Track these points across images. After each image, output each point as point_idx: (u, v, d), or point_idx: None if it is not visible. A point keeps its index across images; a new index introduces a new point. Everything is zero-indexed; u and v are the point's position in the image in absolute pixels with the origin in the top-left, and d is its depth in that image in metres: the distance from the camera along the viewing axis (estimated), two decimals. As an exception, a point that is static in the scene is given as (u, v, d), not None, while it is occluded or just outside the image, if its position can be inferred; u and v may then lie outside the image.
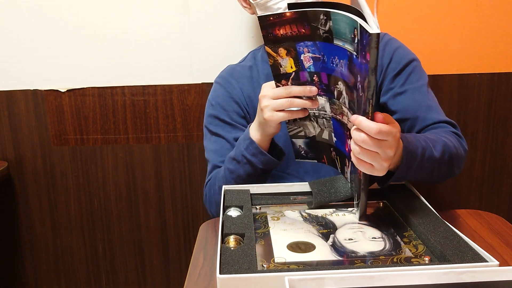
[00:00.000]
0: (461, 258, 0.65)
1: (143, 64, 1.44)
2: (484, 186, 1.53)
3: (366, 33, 0.64)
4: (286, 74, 0.83)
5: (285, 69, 0.83)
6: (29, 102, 1.47)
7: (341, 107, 0.81)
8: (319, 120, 0.88)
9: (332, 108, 0.84)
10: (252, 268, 0.64)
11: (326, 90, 0.82)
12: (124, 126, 1.48)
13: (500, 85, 1.46)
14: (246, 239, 0.72)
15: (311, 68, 0.81)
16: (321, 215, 0.84)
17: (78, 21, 1.41)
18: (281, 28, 0.78)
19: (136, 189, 1.53)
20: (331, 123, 0.87)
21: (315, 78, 0.82)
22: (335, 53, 0.76)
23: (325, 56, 0.78)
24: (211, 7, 1.41)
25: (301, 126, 0.91)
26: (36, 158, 1.51)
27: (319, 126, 0.89)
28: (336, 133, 0.87)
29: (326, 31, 0.75)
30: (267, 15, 0.78)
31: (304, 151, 0.95)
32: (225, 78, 1.13)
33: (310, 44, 0.78)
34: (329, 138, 0.89)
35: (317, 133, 0.91)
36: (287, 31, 0.78)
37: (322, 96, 0.84)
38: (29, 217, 1.56)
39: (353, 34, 0.69)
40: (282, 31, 0.78)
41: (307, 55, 0.80)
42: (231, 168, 0.96)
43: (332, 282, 0.57)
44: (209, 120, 1.11)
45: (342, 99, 0.80)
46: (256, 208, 0.87)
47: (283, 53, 0.81)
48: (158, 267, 1.59)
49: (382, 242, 0.74)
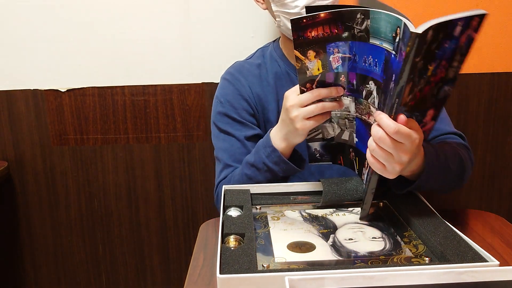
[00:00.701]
0: (461, 258, 0.65)
1: (143, 64, 1.44)
2: (484, 186, 1.53)
3: (408, 32, 0.63)
4: (311, 77, 0.81)
5: (311, 72, 0.81)
6: (29, 102, 1.47)
7: (368, 107, 0.80)
8: (340, 121, 0.87)
9: (357, 108, 0.83)
10: (252, 268, 0.64)
11: (353, 90, 0.81)
12: (124, 126, 1.48)
13: (500, 85, 1.46)
14: (246, 239, 0.72)
15: (339, 68, 0.80)
16: (321, 215, 0.84)
17: (78, 21, 1.41)
18: (313, 30, 0.76)
19: (136, 189, 1.53)
20: (354, 124, 0.86)
21: (342, 78, 0.81)
22: (370, 52, 0.74)
23: (357, 55, 0.77)
24: (211, 7, 1.41)
25: (319, 128, 0.89)
26: (36, 158, 1.51)
27: (339, 127, 0.88)
28: (359, 133, 0.86)
29: (361, 30, 0.73)
30: (300, 18, 0.75)
31: (319, 154, 0.93)
32: (233, 75, 1.11)
33: (342, 44, 0.77)
34: (349, 139, 0.88)
35: (336, 134, 0.89)
36: (319, 32, 0.76)
37: (347, 97, 0.83)
38: (29, 217, 1.56)
39: (395, 33, 0.68)
40: (313, 33, 0.76)
41: (336, 55, 0.79)
42: (250, 174, 0.95)
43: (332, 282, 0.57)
44: (218, 118, 1.08)
45: (372, 99, 0.78)
46: (256, 208, 0.87)
47: (311, 56, 0.79)
48: (158, 267, 1.59)
49: (382, 242, 0.74)
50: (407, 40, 0.64)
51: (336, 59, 0.79)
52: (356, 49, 0.76)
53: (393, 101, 0.69)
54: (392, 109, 0.69)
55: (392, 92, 0.69)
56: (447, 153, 0.86)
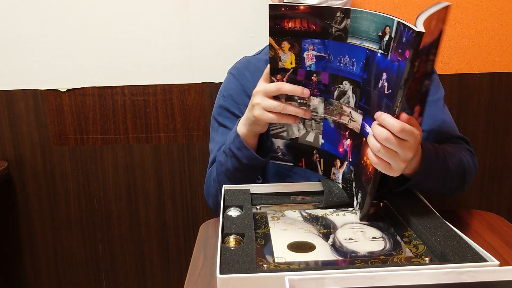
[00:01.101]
0: (462, 258, 0.65)
1: (143, 64, 1.44)
2: (484, 186, 1.53)
3: (409, 31, 0.64)
4: (283, 69, 0.81)
5: (283, 64, 0.81)
6: (29, 102, 1.47)
7: (340, 107, 0.81)
8: (306, 122, 0.87)
9: (326, 109, 0.83)
10: (252, 268, 0.64)
11: (324, 91, 0.82)
12: (124, 126, 1.48)
13: (500, 85, 1.46)
14: (246, 239, 0.72)
15: (312, 66, 0.80)
16: (321, 215, 0.84)
17: (78, 21, 1.41)
18: (291, 21, 0.76)
19: (136, 189, 1.53)
20: (321, 125, 0.86)
21: (314, 77, 0.81)
22: (347, 52, 0.75)
23: (332, 55, 0.77)
24: (211, 7, 1.41)
25: (284, 126, 0.89)
26: (36, 158, 1.51)
27: (305, 128, 0.88)
28: (326, 134, 0.86)
29: (339, 29, 0.74)
30: (278, 5, 0.75)
31: (281, 152, 0.93)
32: (239, 70, 1.11)
33: (318, 42, 0.77)
34: (314, 141, 0.88)
35: (301, 135, 0.89)
36: (296, 25, 0.76)
37: (317, 97, 0.83)
38: (29, 217, 1.56)
39: (382, 32, 0.69)
40: (291, 24, 0.76)
41: (311, 52, 0.79)
42: (221, 161, 0.96)
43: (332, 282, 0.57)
44: (218, 111, 1.09)
45: (345, 98, 0.79)
46: (256, 208, 0.87)
47: (286, 47, 0.79)
48: (158, 267, 1.59)
49: (382, 242, 0.74)
50: (409, 39, 0.64)
51: (310, 56, 0.79)
52: (332, 48, 0.76)
53: (396, 100, 0.69)
54: (395, 108, 0.69)
55: (393, 91, 0.69)
56: (446, 153, 0.86)
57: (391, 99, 0.70)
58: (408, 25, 0.65)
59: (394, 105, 0.69)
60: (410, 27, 0.64)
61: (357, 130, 0.80)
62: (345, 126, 0.82)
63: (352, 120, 0.81)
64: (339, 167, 0.86)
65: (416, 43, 0.64)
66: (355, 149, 0.82)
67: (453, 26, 1.40)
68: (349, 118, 0.81)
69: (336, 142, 0.85)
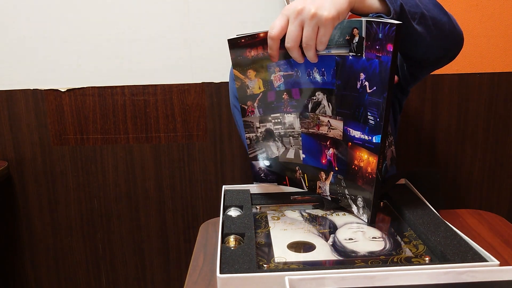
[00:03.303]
0: (462, 258, 0.65)
1: (143, 64, 1.44)
2: (484, 185, 1.53)
3: (386, 26, 0.64)
4: (252, 96, 0.81)
5: (252, 91, 0.80)
6: (29, 102, 1.47)
7: (317, 118, 0.80)
8: (284, 139, 0.86)
9: (302, 123, 0.83)
10: (252, 268, 0.64)
11: (297, 106, 0.81)
12: (124, 126, 1.48)
13: (500, 85, 1.46)
14: (246, 239, 0.72)
15: (281, 86, 0.80)
16: (321, 215, 0.84)
17: (78, 21, 1.41)
18: (253, 50, 0.76)
19: (136, 189, 1.53)
20: (300, 140, 0.85)
21: (285, 96, 0.81)
22: (314, 65, 0.75)
23: (299, 71, 0.77)
24: (211, 7, 1.41)
25: (263, 147, 0.88)
26: (36, 158, 1.51)
27: (284, 146, 0.87)
28: (306, 148, 0.85)
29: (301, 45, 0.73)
30: (237, 38, 0.76)
31: (264, 173, 0.91)
32: None
33: (283, 63, 0.77)
34: (295, 157, 0.87)
35: (281, 154, 0.88)
36: (259, 52, 0.76)
37: (291, 114, 0.83)
38: (29, 217, 1.56)
39: (350, 35, 0.70)
40: (253, 53, 0.76)
41: (278, 74, 0.78)
42: None
43: (332, 282, 0.57)
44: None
45: (321, 108, 0.79)
46: (256, 208, 0.87)
47: (252, 75, 0.78)
48: (158, 267, 1.59)
49: (382, 242, 0.74)
50: (389, 33, 0.65)
51: (277, 77, 0.78)
52: (298, 65, 0.76)
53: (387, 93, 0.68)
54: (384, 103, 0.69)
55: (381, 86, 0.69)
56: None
57: (379, 95, 0.69)
58: (382, 21, 0.65)
59: (384, 100, 0.69)
60: (385, 23, 0.65)
61: (339, 137, 0.80)
62: (325, 136, 0.81)
63: (332, 128, 0.80)
64: (324, 179, 0.85)
65: (397, 35, 0.64)
66: (340, 156, 0.81)
67: (453, 26, 1.40)
68: (328, 127, 0.80)
69: (318, 155, 0.84)
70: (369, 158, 0.75)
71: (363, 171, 0.76)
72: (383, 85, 0.68)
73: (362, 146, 0.75)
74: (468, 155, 1.51)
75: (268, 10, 1.39)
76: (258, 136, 0.86)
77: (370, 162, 0.74)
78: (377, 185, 0.75)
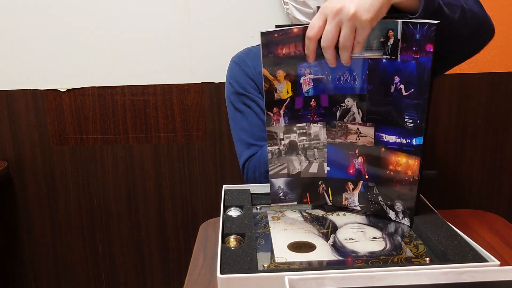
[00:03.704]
0: (462, 258, 0.65)
1: (143, 64, 1.44)
2: (484, 186, 1.53)
3: (425, 27, 0.65)
4: (280, 101, 0.76)
5: (279, 95, 0.76)
6: (29, 102, 1.47)
7: (345, 127, 0.78)
8: (308, 152, 0.81)
9: (329, 133, 0.80)
10: (253, 268, 0.64)
11: (325, 114, 0.79)
12: (124, 126, 1.48)
13: (500, 85, 1.46)
14: (246, 239, 0.72)
15: (310, 92, 0.77)
16: (321, 215, 0.84)
17: (78, 21, 1.41)
18: (285, 47, 0.72)
19: (136, 189, 1.53)
20: (325, 152, 0.81)
21: (312, 103, 0.77)
22: (346, 68, 0.73)
23: (330, 74, 0.75)
24: (211, 7, 1.41)
25: (285, 162, 0.81)
26: (36, 158, 1.51)
27: (307, 159, 0.82)
28: (332, 160, 0.82)
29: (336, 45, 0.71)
30: (271, 31, 0.71)
31: (283, 192, 0.83)
32: (241, 58, 1.16)
33: (314, 64, 0.73)
34: (318, 171, 0.83)
35: (303, 169, 0.82)
36: (291, 50, 0.72)
37: (317, 123, 0.79)
38: (29, 217, 1.56)
39: (384, 37, 0.69)
40: (285, 50, 0.72)
41: (308, 77, 0.75)
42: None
43: (332, 282, 0.57)
44: (231, 99, 1.12)
45: (350, 116, 0.77)
46: (256, 208, 0.87)
47: (281, 76, 0.74)
48: (158, 267, 1.59)
49: (382, 242, 0.74)
50: (428, 33, 0.65)
51: (307, 81, 0.75)
52: (329, 68, 0.73)
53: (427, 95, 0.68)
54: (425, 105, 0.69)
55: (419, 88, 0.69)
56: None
57: (418, 97, 0.69)
58: (419, 22, 0.65)
59: (425, 102, 0.68)
60: (423, 23, 0.64)
61: (370, 144, 0.78)
62: (353, 145, 0.79)
63: (361, 136, 0.78)
64: (352, 190, 0.82)
65: (437, 34, 0.64)
66: (371, 163, 0.79)
67: (453, 26, 1.40)
68: (357, 135, 0.78)
69: (345, 165, 0.81)
70: (408, 161, 0.74)
71: (402, 174, 0.75)
72: (423, 87, 0.68)
73: (399, 150, 0.74)
74: (468, 155, 1.51)
75: (268, 10, 1.39)
76: (280, 149, 0.80)
77: (411, 165, 0.73)
78: (419, 187, 0.74)
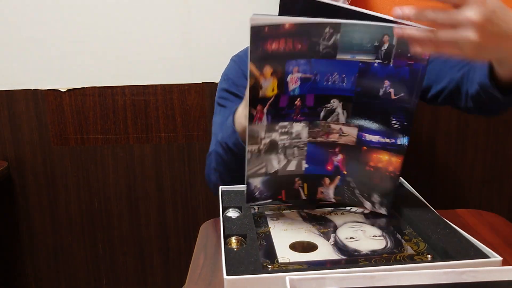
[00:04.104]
0: (464, 255, 0.65)
1: (143, 64, 1.44)
2: (484, 186, 1.53)
3: None
4: (264, 99, 0.73)
5: (264, 92, 0.72)
6: (29, 102, 1.47)
7: (327, 126, 0.79)
8: (287, 151, 0.81)
9: (311, 132, 0.80)
10: (258, 269, 0.64)
11: (308, 114, 0.78)
12: (124, 125, 1.48)
13: (500, 85, 1.46)
14: (248, 239, 0.72)
15: (296, 90, 0.75)
16: (320, 215, 0.84)
17: (78, 21, 1.41)
18: (274, 42, 0.68)
19: (136, 189, 1.53)
20: (305, 150, 0.81)
21: (298, 102, 0.76)
22: (335, 69, 0.73)
23: (319, 74, 0.74)
24: (211, 7, 1.41)
25: (263, 162, 0.79)
26: (36, 158, 1.51)
27: (286, 158, 0.81)
28: (311, 158, 0.82)
29: (327, 46, 0.70)
30: (262, 26, 0.68)
31: (258, 191, 0.82)
32: (240, 57, 1.16)
33: (303, 62, 0.72)
34: (296, 168, 0.82)
35: (281, 167, 0.82)
36: (280, 46, 0.69)
37: (300, 122, 0.79)
38: (29, 217, 1.56)
39: (379, 41, 0.69)
40: (274, 46, 0.69)
41: (295, 75, 0.73)
42: (220, 153, 0.96)
43: (333, 282, 0.57)
44: (219, 94, 1.12)
45: (334, 117, 0.78)
46: (254, 208, 0.87)
47: (268, 73, 0.71)
48: (158, 267, 1.59)
49: (383, 240, 0.74)
50: None
51: (294, 79, 0.73)
52: (318, 67, 0.72)
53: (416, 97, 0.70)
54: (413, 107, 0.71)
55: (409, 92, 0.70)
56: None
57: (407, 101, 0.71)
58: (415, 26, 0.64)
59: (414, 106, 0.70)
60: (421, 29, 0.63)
61: (351, 143, 0.80)
62: (333, 144, 0.81)
63: (343, 135, 0.79)
64: (328, 184, 0.84)
65: None
66: (351, 160, 0.81)
67: (453, 26, 1.40)
68: (339, 134, 0.80)
69: (323, 162, 0.82)
70: (391, 158, 0.77)
71: (382, 170, 0.78)
72: (414, 92, 0.69)
73: (381, 149, 0.77)
74: (468, 155, 1.51)
75: (268, 10, 1.39)
76: (260, 149, 0.77)
77: (392, 162, 0.77)
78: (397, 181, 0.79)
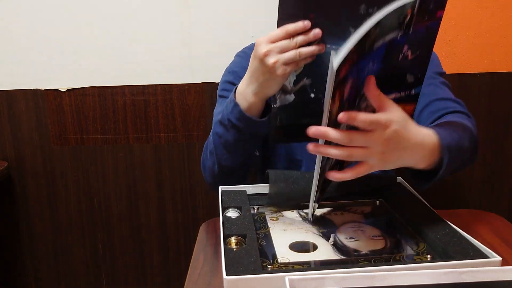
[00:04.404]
0: (464, 255, 0.65)
1: (143, 64, 1.44)
2: (484, 186, 1.53)
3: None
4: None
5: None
6: (29, 102, 1.47)
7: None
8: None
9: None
10: (258, 269, 0.64)
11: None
12: (124, 125, 1.48)
13: (500, 84, 1.46)
14: (248, 240, 0.72)
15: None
16: (319, 215, 0.84)
17: (78, 21, 1.41)
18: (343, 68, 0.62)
19: (136, 189, 1.53)
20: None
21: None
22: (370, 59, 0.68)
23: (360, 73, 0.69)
24: (211, 7, 1.41)
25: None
26: (36, 158, 1.51)
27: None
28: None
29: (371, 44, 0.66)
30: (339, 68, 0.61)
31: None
32: (246, 53, 1.14)
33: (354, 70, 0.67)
34: None
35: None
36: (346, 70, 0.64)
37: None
38: (29, 217, 1.56)
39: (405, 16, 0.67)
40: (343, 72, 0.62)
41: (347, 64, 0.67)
42: (219, 132, 0.93)
43: (333, 282, 0.57)
44: (222, 86, 1.10)
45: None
46: (253, 208, 0.87)
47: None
48: (158, 267, 1.59)
49: (382, 240, 0.74)
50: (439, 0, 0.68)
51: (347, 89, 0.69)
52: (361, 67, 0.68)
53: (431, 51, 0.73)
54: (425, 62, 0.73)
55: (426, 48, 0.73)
56: (459, 132, 0.81)
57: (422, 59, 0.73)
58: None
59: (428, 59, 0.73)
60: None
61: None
62: None
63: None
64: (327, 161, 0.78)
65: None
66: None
67: (453, 26, 1.40)
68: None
69: None
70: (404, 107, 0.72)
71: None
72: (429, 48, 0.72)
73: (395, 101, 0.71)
74: (468, 155, 1.51)
75: (268, 10, 1.39)
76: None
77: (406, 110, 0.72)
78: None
